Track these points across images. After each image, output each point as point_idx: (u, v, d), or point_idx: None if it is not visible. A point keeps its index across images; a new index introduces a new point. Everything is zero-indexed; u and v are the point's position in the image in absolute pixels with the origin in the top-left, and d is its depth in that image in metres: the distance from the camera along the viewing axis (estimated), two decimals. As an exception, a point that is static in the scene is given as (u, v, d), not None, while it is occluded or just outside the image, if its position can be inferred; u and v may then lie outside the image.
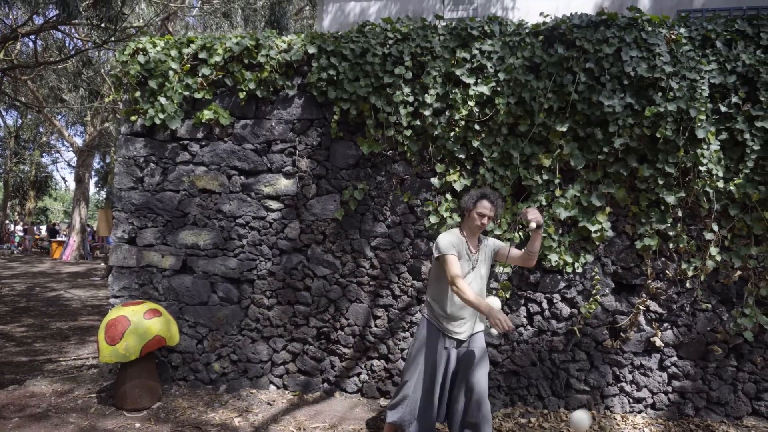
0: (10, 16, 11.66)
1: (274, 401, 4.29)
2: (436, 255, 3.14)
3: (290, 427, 3.80)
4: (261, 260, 4.54)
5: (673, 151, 4.02)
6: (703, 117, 3.92)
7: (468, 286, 3.01)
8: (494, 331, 2.80)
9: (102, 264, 17.56)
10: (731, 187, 4.03)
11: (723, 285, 4.20)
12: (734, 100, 3.98)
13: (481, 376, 3.12)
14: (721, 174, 4.01)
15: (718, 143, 4.02)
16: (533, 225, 2.99)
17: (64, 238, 21.85)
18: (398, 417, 3.20)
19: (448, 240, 3.13)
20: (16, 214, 31.27)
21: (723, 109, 3.99)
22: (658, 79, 4.00)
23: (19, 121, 26.09)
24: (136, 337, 3.84)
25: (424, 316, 3.29)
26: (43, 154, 28.75)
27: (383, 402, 4.34)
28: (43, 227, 29.68)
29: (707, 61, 4.04)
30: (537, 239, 3.09)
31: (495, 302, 3.12)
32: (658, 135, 3.97)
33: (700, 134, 3.95)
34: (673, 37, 4.06)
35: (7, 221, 28.21)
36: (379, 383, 4.43)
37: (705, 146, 4.00)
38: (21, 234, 24.39)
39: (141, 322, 3.91)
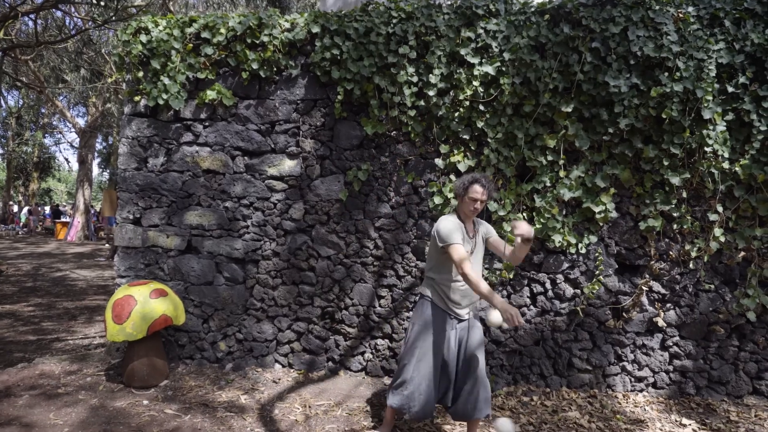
0: (10, -5, 11.53)
1: (279, 379, 4.35)
2: (440, 244, 3.10)
3: (296, 405, 3.86)
4: (266, 241, 4.56)
5: (679, 132, 4.00)
6: (709, 97, 3.90)
7: (480, 277, 3.01)
8: (505, 325, 2.82)
9: (106, 244, 17.66)
10: (737, 168, 4.01)
11: (726, 266, 4.21)
12: (741, 80, 3.94)
13: (481, 358, 3.18)
14: (726, 155, 4.00)
15: (725, 124, 4.00)
16: (518, 240, 2.95)
17: (68, 219, 21.93)
18: (399, 400, 3.19)
19: (450, 227, 3.09)
20: (19, 195, 31.35)
21: (730, 89, 3.96)
22: (664, 59, 3.97)
23: (21, 101, 26.00)
24: (142, 317, 3.88)
25: (426, 297, 3.26)
26: (46, 135, 28.71)
27: (387, 381, 4.40)
28: (47, 208, 29.76)
29: (715, 40, 3.99)
30: (524, 249, 3.01)
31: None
32: (663, 116, 3.95)
33: (707, 115, 3.93)
34: (680, 16, 4.01)
35: (11, 202, 28.30)
36: (383, 362, 4.49)
37: (711, 127, 3.98)
38: (26, 215, 24.49)
39: (147, 301, 3.95)
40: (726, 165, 4.00)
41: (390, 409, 3.35)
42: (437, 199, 4.27)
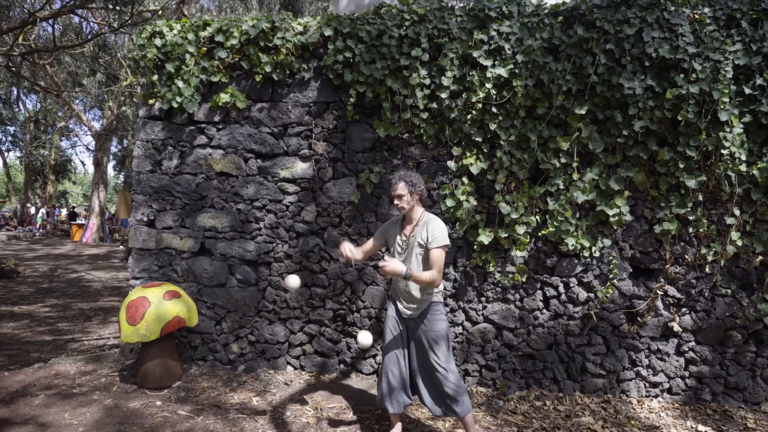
0: (28, 1, 11.73)
1: (291, 382, 4.36)
2: None
3: (307, 407, 3.87)
4: (278, 243, 4.58)
5: (695, 134, 3.95)
6: (726, 99, 3.84)
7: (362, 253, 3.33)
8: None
9: (121, 246, 17.84)
10: (754, 171, 3.95)
11: (743, 270, 4.14)
12: (759, 81, 3.88)
13: (433, 354, 3.20)
14: (743, 157, 3.94)
15: (742, 126, 3.94)
16: (382, 273, 2.97)
17: (83, 221, 22.21)
18: (379, 396, 3.34)
19: (384, 225, 3.46)
20: (36, 197, 31.79)
21: (747, 91, 3.90)
22: (680, 61, 3.92)
23: (39, 105, 26.41)
24: (156, 318, 3.91)
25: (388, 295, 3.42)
26: (62, 138, 29.15)
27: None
28: (64, 210, 30.16)
29: (732, 41, 3.94)
30: (418, 281, 3.01)
31: (365, 338, 3.17)
32: (679, 118, 3.90)
33: (723, 117, 3.87)
34: (696, 16, 3.96)
35: (28, 204, 28.73)
36: (394, 365, 4.47)
37: (728, 129, 3.93)
38: (44, 217, 24.86)
39: (161, 303, 3.98)
40: (743, 168, 3.94)
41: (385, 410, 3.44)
42: (449, 202, 4.25)
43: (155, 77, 4.60)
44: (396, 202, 3.19)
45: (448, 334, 3.26)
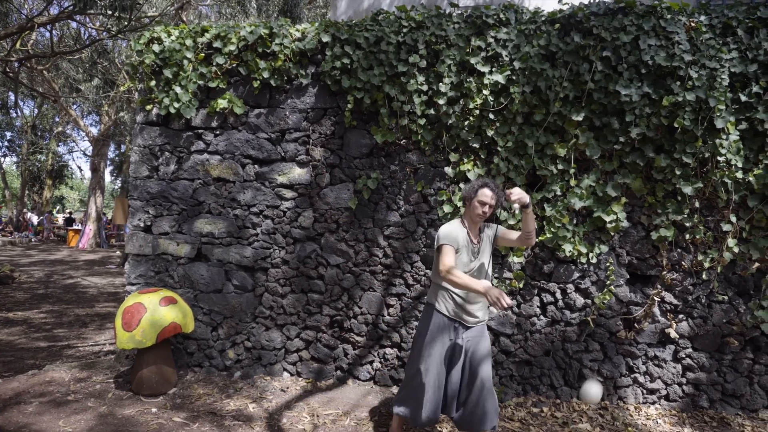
0: (26, 6, 11.75)
1: (287, 388, 4.33)
2: (435, 245, 3.16)
3: (304, 414, 3.84)
4: (275, 249, 4.57)
5: (691, 141, 3.97)
6: (722, 106, 3.86)
7: (459, 272, 3.01)
8: (494, 310, 2.80)
9: (117, 252, 17.78)
10: (750, 178, 3.97)
11: (740, 277, 4.15)
12: (755, 89, 3.90)
13: (488, 368, 3.13)
14: (740, 164, 3.95)
15: (738, 133, 3.95)
16: (516, 206, 2.97)
17: (79, 227, 22.13)
18: (404, 410, 3.20)
19: (448, 231, 3.14)
20: (33, 201, 31.69)
21: (743, 98, 3.92)
22: (676, 68, 3.94)
23: (36, 110, 26.37)
24: (152, 324, 3.89)
25: (432, 305, 3.25)
26: (59, 144, 29.08)
27: (395, 390, 4.37)
28: (60, 216, 30.08)
29: (728, 49, 3.96)
30: (528, 218, 3.05)
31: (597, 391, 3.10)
32: (675, 125, 3.92)
33: (719, 124, 3.89)
34: (692, 24, 3.99)
35: (24, 210, 28.63)
36: (391, 371, 4.46)
37: (724, 136, 3.94)
38: (41, 223, 24.77)
39: (157, 309, 3.96)
40: (739, 174, 3.96)
41: (396, 417, 3.33)
42: (447, 208, 4.26)
43: (153, 83, 4.60)
44: (485, 210, 3.14)
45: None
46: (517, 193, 2.91)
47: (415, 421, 3.15)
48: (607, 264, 4.21)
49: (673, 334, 4.13)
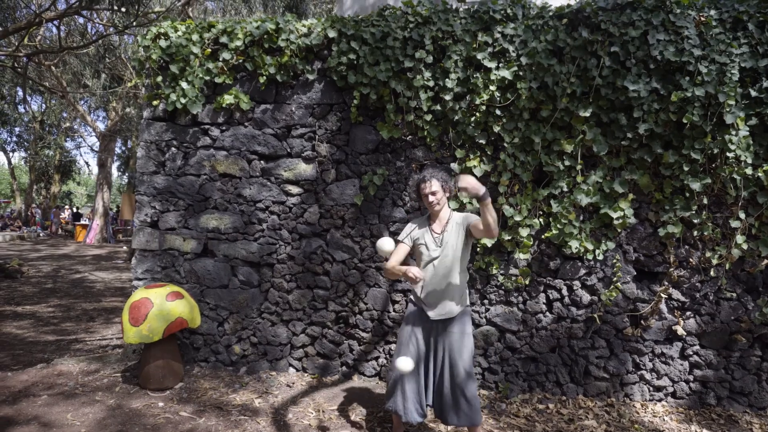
0: (34, 2, 11.78)
1: (293, 383, 4.35)
2: None
3: (309, 409, 3.86)
4: (281, 244, 4.58)
5: (700, 137, 3.93)
6: (732, 102, 3.82)
7: (389, 263, 3.20)
8: (416, 288, 2.96)
9: (124, 247, 17.89)
10: (760, 174, 3.93)
11: (749, 274, 4.12)
12: (765, 84, 3.86)
13: (461, 361, 3.12)
14: (749, 160, 3.91)
15: (747, 129, 3.91)
16: (464, 195, 2.92)
17: (87, 222, 22.27)
18: (392, 404, 3.21)
19: (406, 226, 3.36)
20: (40, 197, 31.89)
21: (753, 93, 3.88)
22: (685, 63, 3.90)
23: (44, 106, 26.51)
24: (159, 319, 3.91)
25: (409, 296, 3.34)
26: (67, 139, 29.22)
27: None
28: (68, 211, 30.24)
29: (738, 44, 3.92)
30: (484, 210, 2.89)
31: (387, 244, 3.16)
32: (684, 120, 3.88)
33: (729, 119, 3.85)
34: (702, 19, 3.94)
35: (33, 205, 28.82)
36: (397, 367, 4.46)
37: (733, 132, 3.90)
38: (51, 218, 24.97)
39: (164, 304, 3.98)
40: (749, 171, 3.92)
41: (394, 415, 3.35)
42: (452, 204, 4.24)
43: (159, 78, 4.60)
44: (431, 199, 3.18)
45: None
46: (465, 182, 2.82)
47: (406, 416, 3.17)
48: (614, 261, 4.19)
49: (680, 331, 4.11)
